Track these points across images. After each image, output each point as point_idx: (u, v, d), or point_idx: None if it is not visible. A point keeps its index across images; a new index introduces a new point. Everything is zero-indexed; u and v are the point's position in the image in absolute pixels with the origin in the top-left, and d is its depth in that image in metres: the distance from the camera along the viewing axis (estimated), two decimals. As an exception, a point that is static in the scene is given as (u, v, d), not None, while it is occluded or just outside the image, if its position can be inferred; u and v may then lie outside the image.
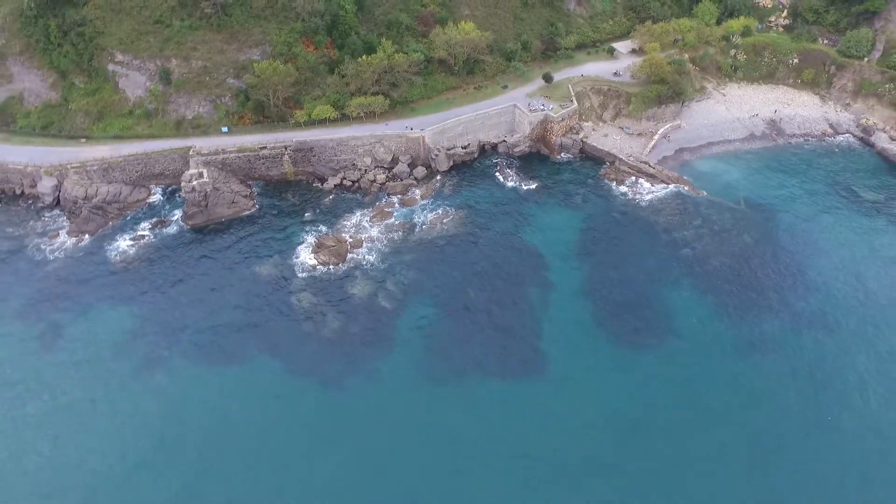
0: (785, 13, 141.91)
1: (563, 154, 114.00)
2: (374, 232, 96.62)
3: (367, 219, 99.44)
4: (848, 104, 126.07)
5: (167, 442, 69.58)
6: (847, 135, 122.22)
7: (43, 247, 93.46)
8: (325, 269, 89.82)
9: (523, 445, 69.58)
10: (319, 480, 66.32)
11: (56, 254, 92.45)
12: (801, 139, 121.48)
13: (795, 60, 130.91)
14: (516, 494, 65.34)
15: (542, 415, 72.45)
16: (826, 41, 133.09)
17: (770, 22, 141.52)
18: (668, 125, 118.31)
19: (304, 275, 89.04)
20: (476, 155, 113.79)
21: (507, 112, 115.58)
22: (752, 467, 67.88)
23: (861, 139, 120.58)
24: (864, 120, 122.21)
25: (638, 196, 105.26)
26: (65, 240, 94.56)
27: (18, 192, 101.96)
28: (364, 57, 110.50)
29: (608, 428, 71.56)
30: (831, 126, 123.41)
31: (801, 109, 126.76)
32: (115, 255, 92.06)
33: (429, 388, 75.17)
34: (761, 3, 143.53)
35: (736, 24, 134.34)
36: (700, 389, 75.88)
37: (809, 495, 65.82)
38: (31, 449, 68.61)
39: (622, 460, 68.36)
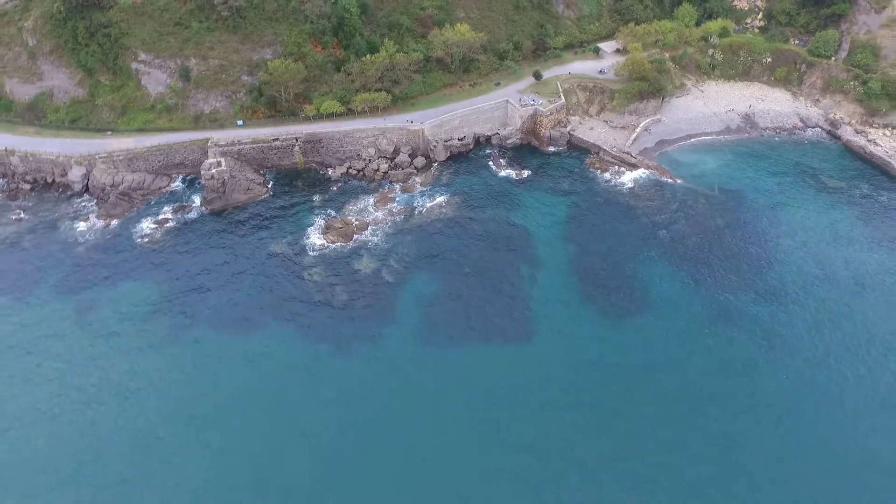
0: (760, 15, 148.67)
1: (551, 146, 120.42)
2: (378, 215, 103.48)
3: (372, 204, 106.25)
4: (817, 100, 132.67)
5: (193, 398, 76.08)
6: (816, 128, 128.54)
7: (75, 229, 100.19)
8: (334, 247, 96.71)
9: (509, 403, 75.94)
10: (330, 429, 72.99)
11: (87, 235, 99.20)
12: (774, 132, 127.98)
13: (769, 59, 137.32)
14: (505, 437, 72.28)
15: (527, 377, 78.97)
16: (797, 42, 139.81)
17: (746, 24, 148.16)
18: (649, 119, 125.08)
19: (314, 253, 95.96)
20: (471, 146, 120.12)
21: (499, 107, 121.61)
22: (716, 413, 74.71)
23: (828, 132, 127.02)
24: (831, 114, 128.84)
25: (620, 183, 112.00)
26: (94, 223, 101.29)
27: (50, 180, 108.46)
28: (368, 56, 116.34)
29: (587, 386, 78.15)
30: (801, 120, 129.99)
31: (774, 105, 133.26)
32: (141, 236, 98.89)
33: (427, 350, 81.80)
34: (738, 6, 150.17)
35: (714, 25, 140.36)
36: (672, 350, 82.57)
37: (757, 429, 72.94)
38: (68, 401, 75.07)
39: (599, 402, 75.54)
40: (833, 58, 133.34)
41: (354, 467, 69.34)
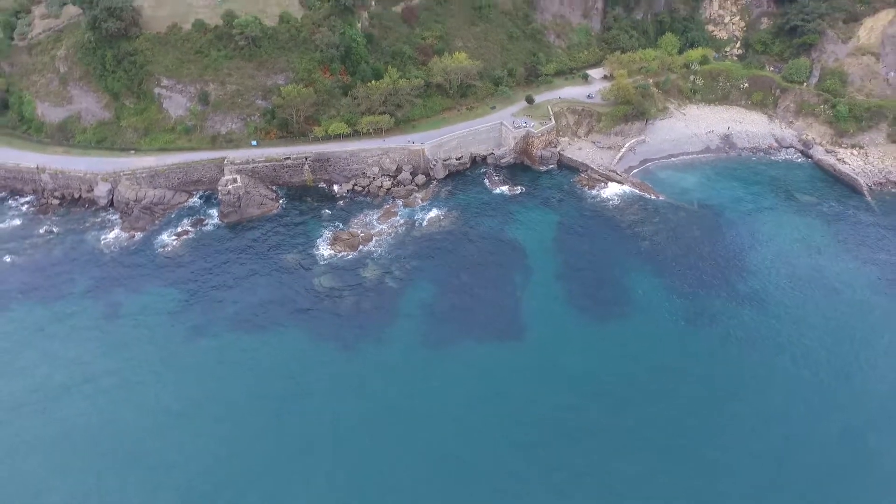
0: (738, 44, 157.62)
1: (543, 165, 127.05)
2: (382, 228, 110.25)
3: (376, 218, 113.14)
4: (791, 122, 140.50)
5: (211, 394, 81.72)
6: (790, 148, 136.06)
7: (101, 240, 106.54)
8: (341, 257, 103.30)
9: (504, 397, 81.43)
10: (338, 422, 78.40)
11: (112, 246, 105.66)
12: (751, 152, 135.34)
13: (746, 85, 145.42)
14: (500, 426, 78.04)
15: (521, 369, 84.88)
16: (772, 68, 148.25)
17: (725, 52, 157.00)
18: (634, 140, 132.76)
19: (323, 262, 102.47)
20: (468, 165, 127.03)
21: (494, 129, 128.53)
22: (696, 406, 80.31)
23: (801, 152, 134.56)
24: (804, 135, 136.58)
25: (606, 199, 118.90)
26: (119, 234, 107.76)
27: (77, 196, 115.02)
28: (372, 82, 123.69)
29: (575, 379, 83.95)
30: (776, 141, 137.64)
31: (751, 126, 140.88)
32: (162, 247, 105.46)
33: (427, 350, 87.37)
34: (717, 36, 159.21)
35: (695, 53, 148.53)
36: (654, 350, 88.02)
37: (742, 424, 78.61)
38: (92, 403, 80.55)
39: (585, 401, 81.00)
40: (805, 83, 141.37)
41: (360, 451, 74.90)
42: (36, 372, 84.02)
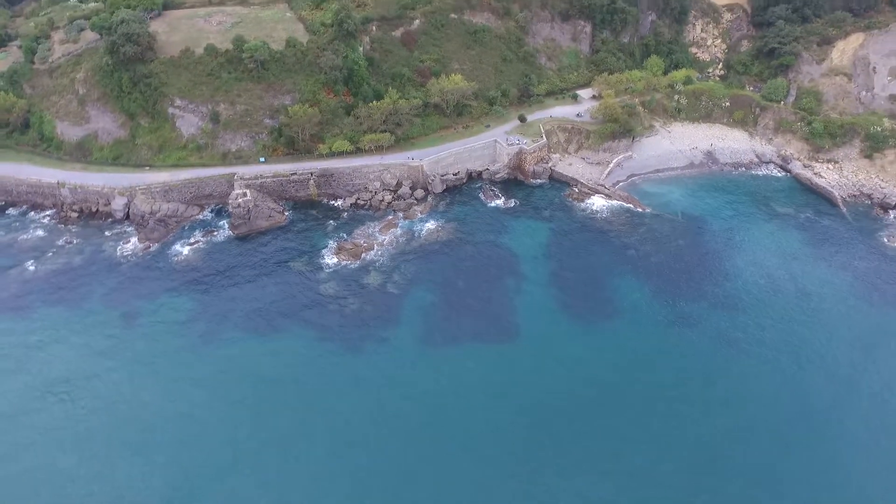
0: (720, 65, 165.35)
1: (535, 179, 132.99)
2: (383, 239, 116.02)
3: (377, 229, 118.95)
4: (770, 139, 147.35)
5: (225, 388, 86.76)
6: (770, 163, 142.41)
7: (118, 250, 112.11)
8: (345, 265, 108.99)
9: (499, 390, 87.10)
10: (342, 415, 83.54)
11: (128, 256, 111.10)
12: (732, 167, 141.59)
13: (727, 103, 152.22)
14: (495, 420, 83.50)
15: (514, 368, 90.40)
16: (752, 88, 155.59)
17: (708, 73, 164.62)
18: (621, 156, 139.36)
19: (328, 270, 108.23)
20: (465, 180, 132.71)
21: (489, 146, 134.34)
22: (677, 401, 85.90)
23: (780, 166, 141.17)
24: (782, 151, 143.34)
25: (595, 211, 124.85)
26: (135, 245, 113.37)
27: (95, 209, 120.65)
28: (374, 102, 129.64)
29: (565, 377, 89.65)
30: (757, 156, 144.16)
31: (733, 143, 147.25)
32: (176, 256, 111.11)
33: (426, 349, 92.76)
34: (700, 58, 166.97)
35: (679, 74, 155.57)
36: (638, 350, 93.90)
37: (719, 416, 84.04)
38: (115, 395, 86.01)
39: (574, 396, 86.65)
40: (783, 102, 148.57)
41: (360, 444, 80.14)
42: (58, 368, 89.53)
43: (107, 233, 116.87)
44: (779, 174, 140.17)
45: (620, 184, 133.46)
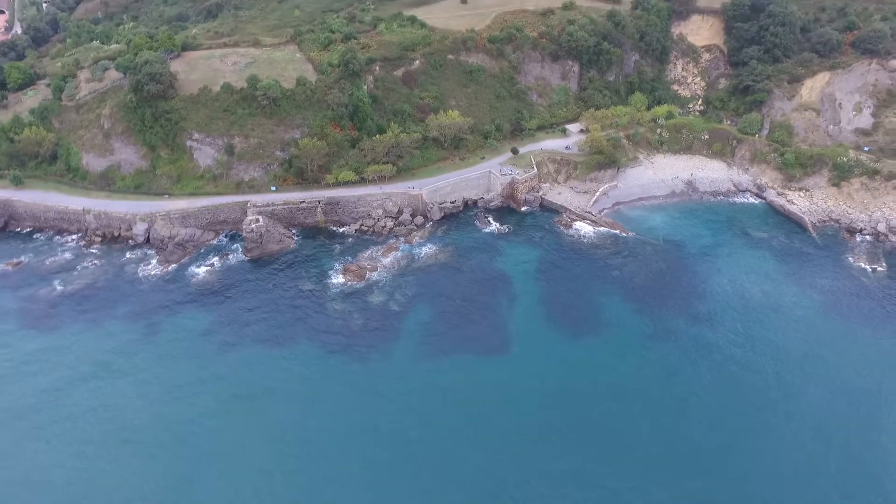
0: (700, 101, 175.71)
1: (526, 207, 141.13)
2: (386, 261, 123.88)
3: (380, 253, 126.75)
4: (746, 168, 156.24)
5: (238, 396, 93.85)
6: (746, 192, 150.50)
7: (139, 271, 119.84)
8: (350, 285, 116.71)
9: (493, 401, 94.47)
10: (348, 419, 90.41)
11: (149, 276, 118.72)
12: (711, 195, 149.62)
13: (706, 136, 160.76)
14: (489, 424, 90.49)
15: (506, 379, 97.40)
16: (729, 122, 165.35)
17: (688, 108, 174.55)
18: (607, 185, 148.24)
19: (335, 290, 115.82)
20: (461, 208, 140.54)
21: (484, 176, 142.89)
22: (657, 412, 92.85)
23: (756, 194, 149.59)
24: (758, 180, 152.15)
25: (582, 236, 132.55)
26: (155, 266, 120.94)
27: (117, 234, 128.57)
28: (377, 136, 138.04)
29: (553, 386, 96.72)
30: (734, 185, 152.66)
31: (712, 173, 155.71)
32: (194, 278, 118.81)
33: (425, 362, 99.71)
34: (681, 94, 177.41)
35: (661, 109, 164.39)
36: (621, 362, 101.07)
37: (695, 424, 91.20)
38: (139, 399, 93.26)
39: (562, 405, 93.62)
40: (757, 135, 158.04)
41: (364, 448, 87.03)
42: (87, 371, 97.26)
43: (129, 255, 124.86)
44: (755, 201, 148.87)
45: (606, 211, 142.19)
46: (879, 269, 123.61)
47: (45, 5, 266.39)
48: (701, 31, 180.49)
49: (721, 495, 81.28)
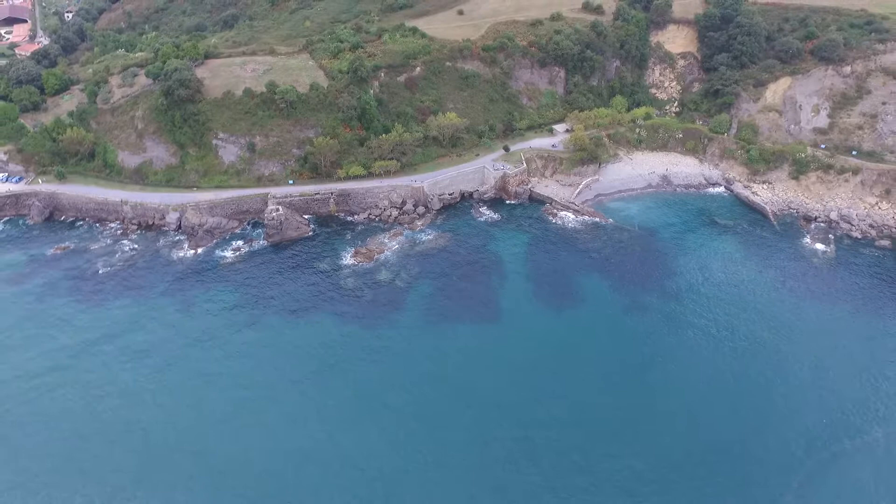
0: (675, 104, 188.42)
1: (516, 198, 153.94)
2: (392, 245, 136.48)
3: (386, 238, 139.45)
4: (716, 164, 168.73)
5: (266, 359, 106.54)
6: (716, 185, 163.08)
7: (172, 255, 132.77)
8: (361, 265, 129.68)
9: (486, 360, 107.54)
10: (359, 382, 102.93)
11: (181, 259, 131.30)
12: (684, 188, 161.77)
13: (681, 135, 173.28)
14: (483, 384, 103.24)
15: (499, 343, 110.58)
16: (701, 122, 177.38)
17: (665, 109, 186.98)
18: (590, 179, 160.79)
19: (347, 269, 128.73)
20: (458, 199, 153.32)
21: (478, 171, 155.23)
22: (630, 374, 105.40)
23: (725, 187, 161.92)
24: (727, 174, 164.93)
25: (566, 224, 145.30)
26: (187, 250, 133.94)
27: (152, 222, 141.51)
28: (383, 135, 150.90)
29: (539, 350, 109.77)
30: (705, 179, 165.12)
31: (685, 168, 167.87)
32: (221, 260, 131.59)
33: (428, 330, 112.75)
34: (659, 97, 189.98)
35: (640, 111, 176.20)
36: (599, 332, 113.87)
37: (665, 390, 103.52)
38: (177, 368, 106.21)
39: (546, 366, 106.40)
40: (726, 134, 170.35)
41: (375, 398, 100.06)
42: (136, 341, 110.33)
43: (162, 241, 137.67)
44: (724, 193, 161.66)
45: (588, 202, 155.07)
46: (828, 251, 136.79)
47: (67, 15, 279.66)
48: (676, 40, 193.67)
49: (680, 420, 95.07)
